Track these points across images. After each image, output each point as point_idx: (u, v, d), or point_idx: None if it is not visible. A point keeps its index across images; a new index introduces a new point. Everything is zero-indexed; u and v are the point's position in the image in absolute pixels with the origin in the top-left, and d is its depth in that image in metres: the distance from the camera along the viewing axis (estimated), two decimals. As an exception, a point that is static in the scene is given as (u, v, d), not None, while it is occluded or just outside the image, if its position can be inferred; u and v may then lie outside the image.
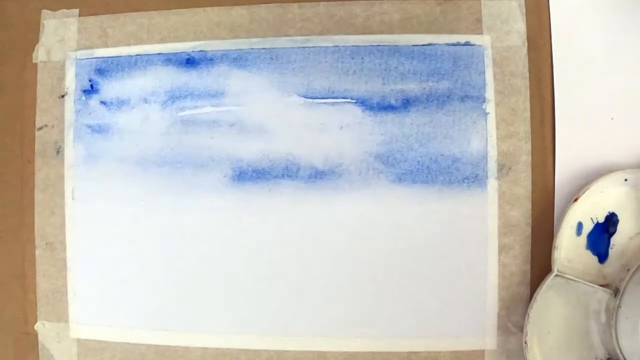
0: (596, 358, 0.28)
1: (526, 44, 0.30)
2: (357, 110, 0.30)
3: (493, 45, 0.30)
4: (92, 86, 0.31)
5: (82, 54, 0.31)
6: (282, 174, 0.30)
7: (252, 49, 0.30)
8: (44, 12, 0.32)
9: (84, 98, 0.31)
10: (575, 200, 0.28)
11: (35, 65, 0.32)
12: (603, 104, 0.29)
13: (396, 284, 0.30)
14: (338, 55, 0.30)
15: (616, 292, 0.27)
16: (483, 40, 0.30)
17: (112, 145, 0.31)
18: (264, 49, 0.30)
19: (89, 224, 0.31)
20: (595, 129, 0.29)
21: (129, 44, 0.31)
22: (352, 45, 0.30)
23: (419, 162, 0.29)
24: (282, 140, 0.30)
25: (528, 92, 0.29)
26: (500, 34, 0.30)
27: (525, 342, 0.28)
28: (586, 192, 0.28)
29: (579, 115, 0.29)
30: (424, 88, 0.30)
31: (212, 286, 0.30)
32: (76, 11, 0.32)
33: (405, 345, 0.29)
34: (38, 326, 0.31)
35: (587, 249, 0.28)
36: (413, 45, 0.30)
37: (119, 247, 0.31)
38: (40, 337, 0.31)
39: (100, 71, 0.31)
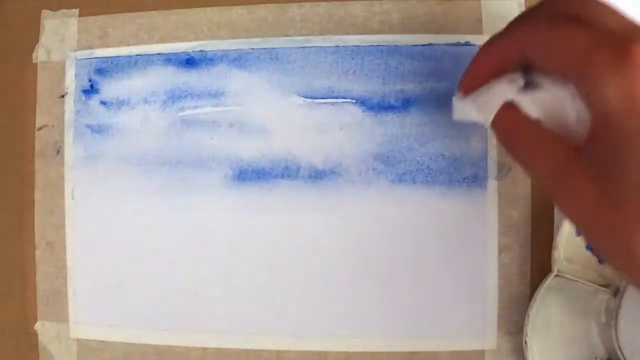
0: (596, 358, 0.28)
1: (526, 44, 0.30)
2: (357, 110, 0.30)
3: (493, 45, 0.30)
4: (92, 86, 0.31)
5: (82, 54, 0.31)
6: (282, 174, 0.30)
7: (252, 49, 0.30)
8: (44, 12, 0.32)
9: (84, 98, 0.31)
10: (575, 200, 0.28)
11: (35, 65, 0.32)
12: (603, 104, 0.29)
13: (396, 283, 0.29)
14: (338, 55, 0.30)
15: (616, 292, 0.27)
16: (483, 40, 0.30)
17: (112, 145, 0.31)
18: (264, 49, 0.30)
19: (89, 224, 0.31)
20: (595, 129, 0.29)
21: (129, 44, 0.31)
22: (352, 45, 0.30)
23: (419, 162, 0.29)
24: (282, 140, 0.30)
25: (528, 92, 0.29)
26: (500, 34, 0.30)
27: (525, 342, 0.28)
28: (586, 192, 0.28)
29: (579, 115, 0.29)
30: (424, 88, 0.30)
31: (212, 286, 0.30)
32: (76, 11, 0.32)
33: (405, 345, 0.29)
34: (38, 326, 0.31)
35: (587, 249, 0.28)
36: (413, 45, 0.30)
37: (118, 247, 0.31)
38: (40, 337, 0.31)
39: (100, 71, 0.31)
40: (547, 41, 0.20)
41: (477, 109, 0.23)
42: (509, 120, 0.22)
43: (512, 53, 0.22)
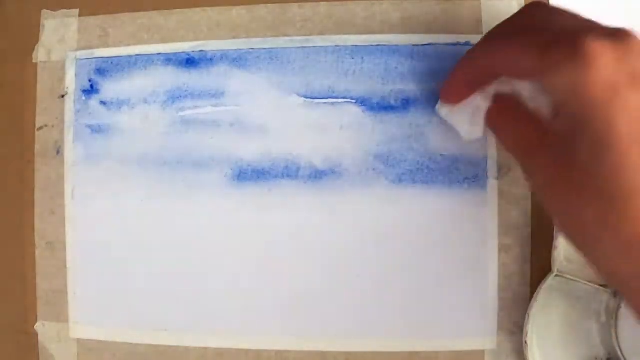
0: (596, 358, 0.28)
1: (526, 44, 0.30)
2: (357, 110, 0.30)
3: (493, 45, 0.30)
4: (92, 86, 0.31)
5: (82, 54, 0.31)
6: (282, 174, 0.30)
7: (252, 49, 0.30)
8: (44, 12, 0.32)
9: (84, 98, 0.31)
10: (575, 200, 0.28)
11: (35, 65, 0.32)
12: (603, 104, 0.29)
13: (396, 284, 0.30)
14: (338, 55, 0.30)
15: (616, 292, 0.27)
16: (483, 40, 0.30)
17: (112, 146, 0.31)
18: (264, 49, 0.30)
19: (89, 224, 0.31)
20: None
21: (129, 44, 0.31)
22: (352, 45, 0.30)
23: (418, 162, 0.29)
24: (282, 140, 0.30)
25: (528, 92, 0.29)
26: (500, 34, 0.30)
27: (525, 342, 0.28)
28: (586, 192, 0.28)
29: (578, 115, 0.29)
30: (424, 88, 0.30)
31: (212, 286, 0.30)
32: (76, 11, 0.32)
33: (405, 345, 0.29)
34: (38, 326, 0.31)
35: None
36: (413, 45, 0.30)
37: (118, 247, 0.31)
38: (40, 337, 0.31)
39: (100, 71, 0.31)
40: (506, 51, 0.23)
41: (455, 122, 0.27)
42: (494, 108, 0.25)
43: (481, 68, 0.24)
